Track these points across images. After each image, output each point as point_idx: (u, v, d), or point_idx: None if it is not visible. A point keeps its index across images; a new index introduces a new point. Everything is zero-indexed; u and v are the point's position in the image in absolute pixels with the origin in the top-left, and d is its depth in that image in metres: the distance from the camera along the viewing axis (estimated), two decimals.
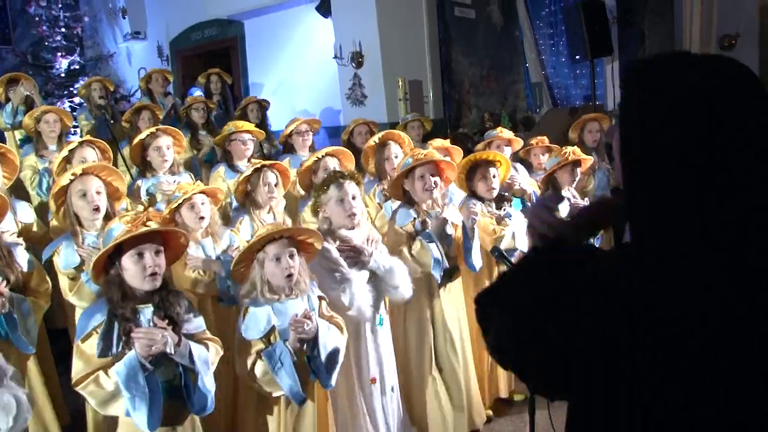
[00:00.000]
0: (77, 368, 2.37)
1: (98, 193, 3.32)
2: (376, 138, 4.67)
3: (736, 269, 1.04)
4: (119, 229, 2.45)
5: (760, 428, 1.02)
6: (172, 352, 2.37)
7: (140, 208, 3.84)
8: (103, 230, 2.81)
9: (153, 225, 2.45)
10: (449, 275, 3.66)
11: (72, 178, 3.30)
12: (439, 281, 3.58)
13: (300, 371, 2.67)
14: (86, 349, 2.38)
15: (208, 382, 2.48)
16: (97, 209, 3.27)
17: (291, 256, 2.74)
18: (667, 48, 6.53)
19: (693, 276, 1.05)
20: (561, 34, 8.61)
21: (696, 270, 1.05)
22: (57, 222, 3.73)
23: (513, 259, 3.70)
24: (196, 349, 2.47)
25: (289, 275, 2.73)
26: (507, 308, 1.22)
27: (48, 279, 3.37)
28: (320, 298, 2.94)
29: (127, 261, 2.42)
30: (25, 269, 3.17)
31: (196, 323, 2.60)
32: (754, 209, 1.05)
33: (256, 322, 2.70)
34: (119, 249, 2.42)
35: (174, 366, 2.43)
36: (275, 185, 3.85)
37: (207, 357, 2.51)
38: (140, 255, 2.42)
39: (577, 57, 7.21)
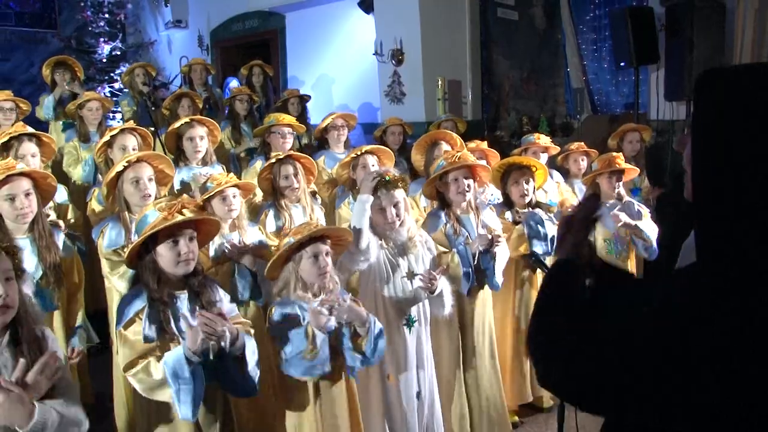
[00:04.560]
0: (124, 354, 2.40)
1: (150, 180, 3.39)
2: (426, 136, 4.62)
3: None
4: (154, 215, 2.47)
5: None
6: (228, 348, 2.37)
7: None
8: None
9: (188, 213, 2.48)
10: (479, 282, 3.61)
11: (126, 164, 3.35)
12: (465, 293, 3.53)
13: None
14: (130, 335, 2.41)
15: (254, 369, 2.50)
16: (147, 196, 3.32)
17: (326, 254, 2.74)
18: (716, 57, 6.36)
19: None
20: (605, 40, 8.45)
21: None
22: (96, 207, 3.79)
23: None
24: (249, 341, 2.49)
25: (324, 273, 2.72)
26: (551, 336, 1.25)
27: (82, 268, 3.39)
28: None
29: (162, 247, 2.46)
30: (68, 254, 3.23)
31: (230, 308, 2.65)
32: None
33: (292, 324, 2.65)
34: (154, 236, 2.45)
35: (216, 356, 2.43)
36: (295, 176, 3.85)
37: (254, 347, 2.52)
38: (175, 242, 2.46)
39: (622, 64, 7.06)
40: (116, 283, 3.25)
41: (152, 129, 4.55)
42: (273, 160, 3.89)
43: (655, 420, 1.04)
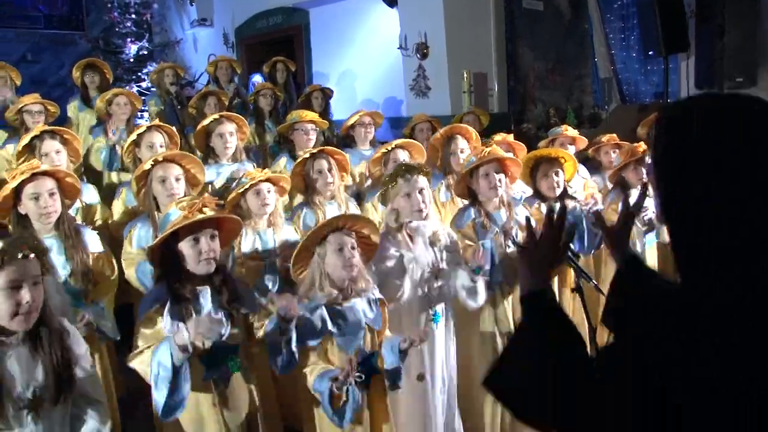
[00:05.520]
0: (136, 346, 2.43)
1: (177, 180, 3.41)
2: (441, 131, 4.57)
3: None
4: (176, 214, 2.50)
5: None
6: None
7: None
8: None
9: (208, 211, 2.51)
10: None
11: (153, 163, 3.38)
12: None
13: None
14: (147, 330, 2.44)
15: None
16: (174, 195, 3.33)
17: (352, 248, 2.71)
18: (748, 45, 6.20)
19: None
20: (633, 28, 8.30)
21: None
22: (119, 208, 3.86)
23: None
24: None
25: (350, 265, 2.67)
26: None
27: (114, 264, 3.43)
28: (381, 301, 2.85)
29: (184, 246, 2.49)
30: (100, 250, 3.27)
31: (253, 304, 2.68)
32: None
33: (312, 328, 2.63)
34: (176, 233, 2.48)
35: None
36: (329, 170, 3.80)
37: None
38: (196, 240, 2.48)
39: (650, 53, 6.93)
40: (133, 283, 3.33)
41: (180, 127, 4.57)
42: (306, 155, 3.84)
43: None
